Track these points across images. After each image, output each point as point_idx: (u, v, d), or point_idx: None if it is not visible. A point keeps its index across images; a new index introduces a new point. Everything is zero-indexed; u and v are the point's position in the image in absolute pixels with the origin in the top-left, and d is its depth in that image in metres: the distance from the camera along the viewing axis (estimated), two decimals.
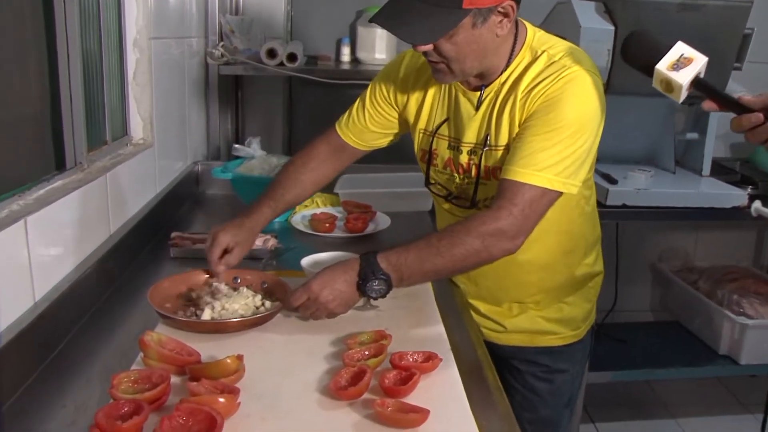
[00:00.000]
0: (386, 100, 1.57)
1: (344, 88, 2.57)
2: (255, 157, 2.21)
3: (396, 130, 1.63)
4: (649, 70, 1.17)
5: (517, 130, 1.36)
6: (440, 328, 1.38)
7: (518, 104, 1.35)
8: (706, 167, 2.87)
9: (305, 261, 1.58)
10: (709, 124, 2.81)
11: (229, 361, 1.12)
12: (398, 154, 1.95)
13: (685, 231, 3.46)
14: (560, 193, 1.31)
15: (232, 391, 1.07)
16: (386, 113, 1.59)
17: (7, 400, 1.09)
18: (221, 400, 1.02)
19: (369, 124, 1.60)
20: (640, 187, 2.74)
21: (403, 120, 1.60)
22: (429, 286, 1.56)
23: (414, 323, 1.41)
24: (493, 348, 1.62)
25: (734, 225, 3.34)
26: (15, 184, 1.34)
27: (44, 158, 1.53)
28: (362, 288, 1.28)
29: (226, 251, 1.49)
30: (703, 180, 2.90)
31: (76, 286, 1.36)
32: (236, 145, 2.24)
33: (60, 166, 1.56)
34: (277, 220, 2.13)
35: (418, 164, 1.60)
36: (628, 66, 1.22)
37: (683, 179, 2.91)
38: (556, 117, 1.30)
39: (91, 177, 1.56)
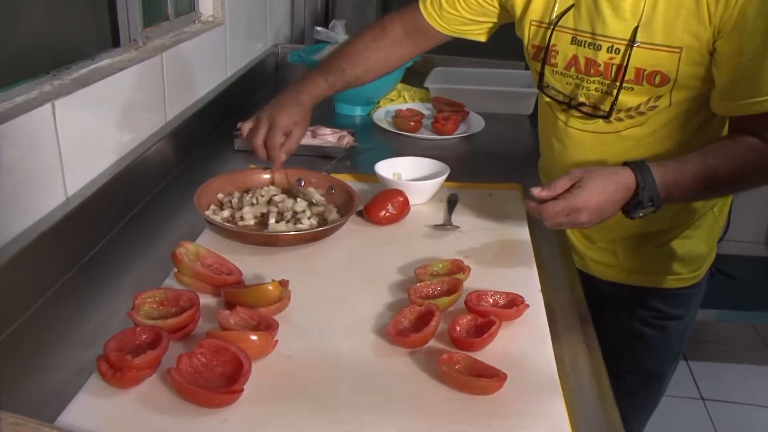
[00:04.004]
0: None
1: None
2: (338, 42, 1.96)
3: (494, 20, 1.34)
4: None
5: (706, 33, 1.04)
6: (531, 262, 1.15)
7: None
8: None
9: (381, 168, 1.36)
10: None
11: (270, 287, 0.93)
12: (501, 46, 1.66)
13: None
14: None
15: (269, 326, 0.88)
16: None
17: (22, 313, 0.95)
18: (253, 338, 0.84)
19: (459, 7, 1.32)
20: None
21: (504, 10, 1.31)
22: (521, 204, 1.32)
23: (500, 251, 1.18)
24: (596, 283, 1.38)
25: None
26: (64, 62, 1.19)
27: (98, 35, 1.37)
28: (630, 211, 1.05)
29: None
30: None
31: (117, 181, 1.20)
32: (318, 28, 1.99)
33: (116, 44, 1.39)
34: (358, 113, 1.92)
35: (528, 63, 1.32)
36: None
37: None
38: None
39: (144, 56, 1.37)
